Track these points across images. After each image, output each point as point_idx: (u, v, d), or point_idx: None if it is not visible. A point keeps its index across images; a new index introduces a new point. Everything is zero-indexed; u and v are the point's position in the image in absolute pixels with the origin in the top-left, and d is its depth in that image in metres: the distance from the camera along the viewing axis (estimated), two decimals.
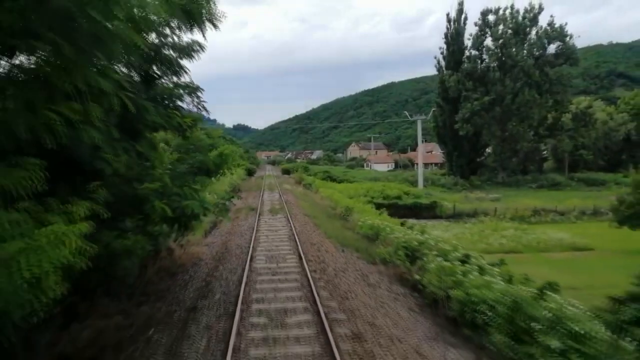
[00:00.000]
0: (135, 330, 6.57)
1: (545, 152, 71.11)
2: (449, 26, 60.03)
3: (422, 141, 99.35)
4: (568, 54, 55.14)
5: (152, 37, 5.59)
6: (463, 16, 59.35)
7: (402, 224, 15.95)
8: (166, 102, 6.86)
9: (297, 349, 5.41)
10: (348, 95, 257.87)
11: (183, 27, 5.46)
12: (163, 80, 6.56)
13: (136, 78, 6.05)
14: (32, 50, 3.13)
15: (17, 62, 3.56)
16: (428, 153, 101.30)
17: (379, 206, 25.12)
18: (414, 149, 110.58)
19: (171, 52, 6.68)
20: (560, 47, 54.44)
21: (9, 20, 2.77)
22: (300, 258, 10.34)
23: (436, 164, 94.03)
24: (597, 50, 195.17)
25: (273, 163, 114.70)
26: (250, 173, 55.16)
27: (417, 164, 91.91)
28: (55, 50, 3.02)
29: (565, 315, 5.93)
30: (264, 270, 9.41)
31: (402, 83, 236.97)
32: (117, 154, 5.40)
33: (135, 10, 3.28)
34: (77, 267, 3.02)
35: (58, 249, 2.73)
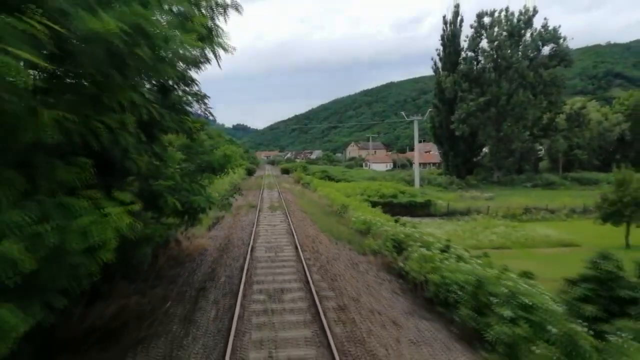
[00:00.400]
0: (153, 306, 7.64)
1: (541, 152, 72.22)
2: (445, 28, 61.15)
3: (421, 141, 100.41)
4: (562, 56, 56.23)
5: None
6: (459, 18, 60.46)
7: (396, 221, 17.01)
8: (178, 108, 7.89)
9: (291, 317, 6.47)
10: (347, 95, 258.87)
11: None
12: (176, 90, 7.59)
13: (154, 89, 7.10)
14: (92, 78, 4.15)
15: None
16: (427, 153, 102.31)
17: (374, 204, 26.17)
18: (412, 149, 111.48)
19: (181, 63, 7.72)
20: (554, 49, 55.55)
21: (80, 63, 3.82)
22: (297, 248, 11.39)
23: (434, 164, 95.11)
24: (596, 51, 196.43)
25: (272, 163, 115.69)
26: (250, 172, 56.21)
27: (413, 163, 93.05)
28: (109, 78, 4.04)
29: (519, 291, 7.00)
30: (264, 258, 10.48)
31: (400, 83, 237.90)
32: (141, 154, 6.46)
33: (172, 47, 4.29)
34: (129, 238, 4.08)
35: (117, 223, 3.79)
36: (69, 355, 6.09)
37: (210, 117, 10.21)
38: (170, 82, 6.98)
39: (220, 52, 6.31)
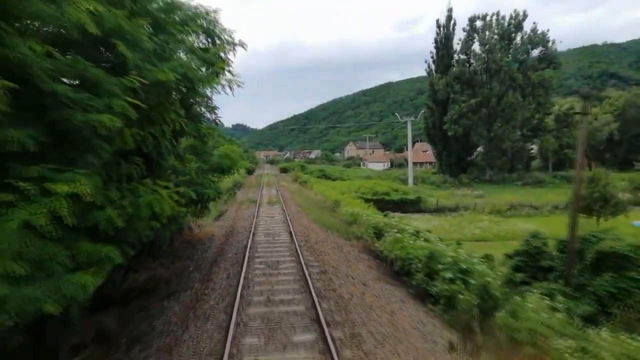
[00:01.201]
0: (176, 273, 9.73)
1: (533, 152, 74.42)
2: (438, 31, 63.18)
3: (419, 141, 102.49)
4: (550, 59, 58.35)
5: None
6: (452, 22, 62.49)
7: (385, 216, 19.07)
8: (195, 118, 9.97)
9: (284, 277, 8.57)
10: (346, 95, 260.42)
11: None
12: (195, 105, 9.66)
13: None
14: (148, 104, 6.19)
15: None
16: (424, 152, 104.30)
17: (367, 201, 28.19)
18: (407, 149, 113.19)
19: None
20: (543, 52, 57.65)
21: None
22: (291, 234, 13.47)
23: (430, 163, 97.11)
24: (592, 51, 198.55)
25: (272, 162, 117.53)
26: (249, 172, 58.23)
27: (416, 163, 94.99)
28: (160, 104, 6.08)
29: (460, 260, 9.09)
30: (263, 241, 12.57)
31: (399, 83, 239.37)
32: (170, 155, 8.54)
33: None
34: (174, 213, 6.16)
35: (168, 200, 5.87)
36: (115, 307, 8.17)
37: (217, 124, 12.33)
38: (192, 100, 9.04)
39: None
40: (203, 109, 10.61)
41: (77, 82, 4.94)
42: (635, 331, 6.14)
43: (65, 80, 4.77)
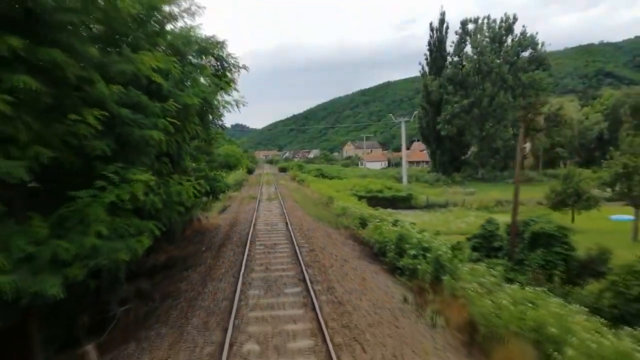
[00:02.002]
0: (191, 254, 11.80)
1: (526, 150, 76.54)
2: (432, 34, 65.30)
3: (417, 140, 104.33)
4: (540, 60, 60.45)
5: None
6: (445, 25, 64.65)
7: (375, 210, 21.10)
8: (206, 125, 12.02)
9: (279, 254, 10.65)
10: (344, 95, 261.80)
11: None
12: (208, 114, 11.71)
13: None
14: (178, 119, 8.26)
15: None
16: (421, 151, 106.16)
17: (361, 198, 30.17)
18: (408, 148, 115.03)
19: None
20: (532, 54, 59.73)
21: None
22: (287, 224, 15.52)
23: (427, 162, 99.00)
24: (588, 50, 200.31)
25: (271, 162, 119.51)
26: (250, 171, 60.29)
27: (408, 161, 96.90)
28: (185, 119, 8.14)
29: (424, 240, 11.14)
30: (263, 230, 14.64)
31: (397, 83, 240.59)
32: (187, 155, 10.62)
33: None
34: (193, 202, 8.24)
35: (189, 190, 7.95)
36: (145, 278, 10.21)
37: (224, 129, 14.41)
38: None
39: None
40: (212, 116, 12.70)
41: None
42: (540, 286, 8.18)
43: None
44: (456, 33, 63.40)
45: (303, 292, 7.65)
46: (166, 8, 8.65)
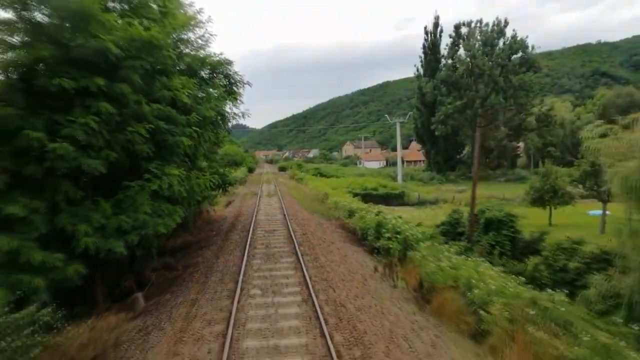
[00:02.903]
0: (203, 238, 14.06)
1: (519, 150, 78.85)
2: (426, 38, 67.43)
3: (414, 140, 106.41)
4: (530, 63, 62.53)
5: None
6: (439, 29, 66.74)
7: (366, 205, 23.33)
8: (215, 128, 14.28)
9: (277, 237, 12.93)
10: (344, 94, 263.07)
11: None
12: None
13: None
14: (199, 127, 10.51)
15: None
16: (419, 151, 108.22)
17: (355, 195, 32.35)
18: (406, 147, 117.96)
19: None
20: (523, 56, 61.88)
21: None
22: (285, 216, 17.77)
23: (424, 161, 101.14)
24: (586, 49, 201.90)
25: (271, 162, 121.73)
26: (250, 170, 62.56)
27: (406, 161, 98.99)
28: (203, 126, 10.39)
29: (397, 226, 13.38)
30: (264, 219, 16.90)
31: (396, 82, 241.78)
32: (202, 155, 12.87)
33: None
34: (207, 193, 10.53)
35: (206, 182, 10.21)
36: (169, 255, 12.46)
37: (229, 132, 16.69)
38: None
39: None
40: (222, 123, 14.97)
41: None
42: (483, 257, 10.41)
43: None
44: (450, 36, 65.47)
45: (294, 261, 9.91)
46: (183, 35, 10.99)
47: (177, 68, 10.34)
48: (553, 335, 5.72)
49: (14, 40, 6.51)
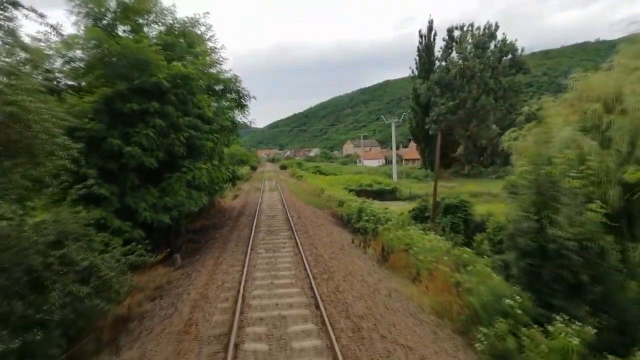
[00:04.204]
0: (217, 222, 17.26)
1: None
2: (421, 41, 70.51)
3: (411, 139, 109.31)
4: (519, 65, 65.59)
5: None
6: (433, 33, 69.88)
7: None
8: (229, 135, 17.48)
9: (278, 221, 16.14)
10: (345, 93, 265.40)
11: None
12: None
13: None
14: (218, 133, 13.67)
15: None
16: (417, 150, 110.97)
17: (350, 191, 35.40)
18: (406, 146, 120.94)
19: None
20: (512, 59, 64.90)
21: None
22: (284, 206, 20.94)
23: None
24: (584, 48, 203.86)
25: (272, 161, 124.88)
26: (253, 168, 65.81)
27: (404, 159, 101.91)
28: (221, 132, 13.54)
29: (374, 211, 16.54)
30: (267, 208, 20.09)
31: (397, 81, 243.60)
32: (217, 155, 16.08)
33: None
34: (222, 184, 13.75)
35: (223, 175, 13.38)
36: (191, 234, 15.64)
37: (238, 135, 19.89)
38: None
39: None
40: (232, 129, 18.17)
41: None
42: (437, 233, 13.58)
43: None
44: (443, 40, 68.61)
45: (290, 234, 13.10)
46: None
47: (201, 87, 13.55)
48: (455, 270, 8.86)
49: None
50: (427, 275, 9.24)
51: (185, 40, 12.30)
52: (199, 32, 13.10)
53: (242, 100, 15.28)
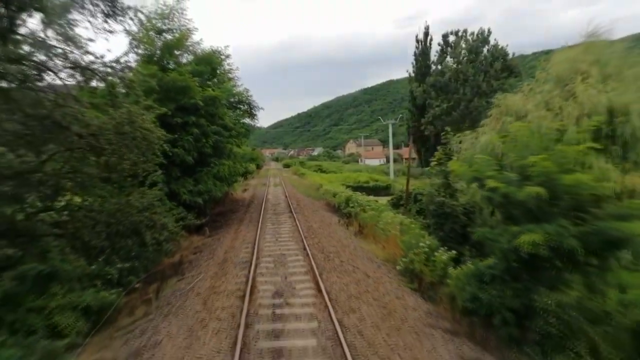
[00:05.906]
0: (232, 209, 21.28)
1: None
2: (417, 45, 74.11)
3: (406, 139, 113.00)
4: (511, 69, 69.11)
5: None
6: (429, 38, 73.44)
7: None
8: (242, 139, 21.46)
9: (281, 207, 20.12)
10: (348, 93, 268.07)
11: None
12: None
13: None
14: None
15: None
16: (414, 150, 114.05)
17: (347, 187, 39.18)
18: (407, 145, 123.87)
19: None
20: (504, 63, 68.44)
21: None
22: (286, 197, 24.90)
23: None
24: (583, 48, 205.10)
25: (276, 159, 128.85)
26: (258, 166, 69.91)
27: (405, 158, 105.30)
28: (237, 137, 17.44)
29: (360, 199, 20.47)
30: (272, 199, 24.08)
31: (399, 81, 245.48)
32: (233, 154, 20.09)
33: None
34: (237, 177, 17.74)
35: (239, 170, 17.35)
36: (210, 221, 19.64)
37: (247, 138, 23.94)
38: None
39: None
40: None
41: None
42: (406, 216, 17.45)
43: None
44: (439, 44, 72.26)
45: (291, 216, 17.07)
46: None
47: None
48: (402, 233, 12.76)
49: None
50: (385, 239, 13.16)
51: (211, 67, 16.28)
52: (220, 59, 17.07)
53: (252, 110, 19.23)
